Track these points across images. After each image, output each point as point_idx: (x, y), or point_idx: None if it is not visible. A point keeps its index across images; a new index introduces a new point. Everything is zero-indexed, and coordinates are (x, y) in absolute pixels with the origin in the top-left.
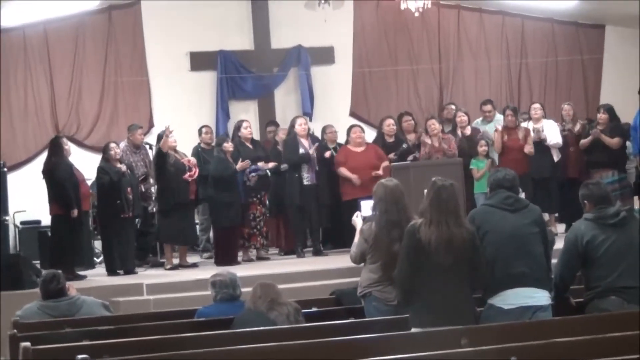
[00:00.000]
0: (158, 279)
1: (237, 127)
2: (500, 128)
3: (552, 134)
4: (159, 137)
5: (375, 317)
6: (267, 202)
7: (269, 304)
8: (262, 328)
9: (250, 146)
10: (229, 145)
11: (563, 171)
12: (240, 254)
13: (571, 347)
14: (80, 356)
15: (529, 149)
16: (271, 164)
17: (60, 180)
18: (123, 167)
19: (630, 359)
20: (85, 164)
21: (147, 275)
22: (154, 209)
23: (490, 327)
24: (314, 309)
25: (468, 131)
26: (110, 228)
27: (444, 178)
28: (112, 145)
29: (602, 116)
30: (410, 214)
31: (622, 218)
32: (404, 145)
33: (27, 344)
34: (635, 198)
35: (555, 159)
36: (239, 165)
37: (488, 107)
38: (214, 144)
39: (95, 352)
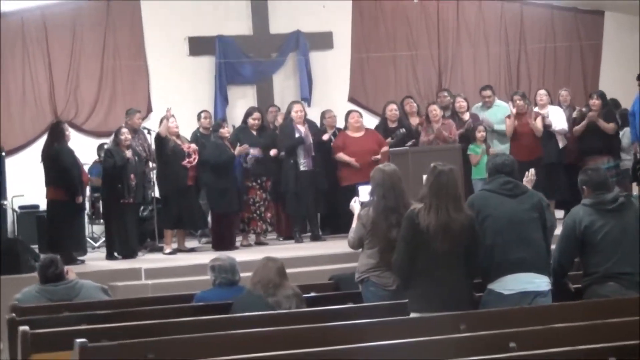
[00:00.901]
0: (156, 263)
1: (248, 114)
2: (513, 112)
3: (558, 120)
4: (162, 122)
5: (372, 302)
6: (268, 187)
7: (269, 288)
8: (260, 312)
9: (255, 133)
10: (225, 131)
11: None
12: (239, 239)
13: (570, 333)
14: (78, 340)
15: (536, 126)
16: (273, 152)
17: (66, 166)
18: (129, 153)
19: (628, 345)
20: (83, 149)
21: (145, 260)
22: (152, 194)
23: (489, 313)
24: (312, 294)
25: (467, 117)
26: (111, 212)
27: (443, 163)
28: (124, 130)
29: (595, 102)
30: (408, 199)
31: (620, 204)
32: (401, 130)
33: (26, 327)
34: (634, 184)
35: (561, 145)
36: (238, 150)
37: (487, 92)
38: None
39: (94, 336)
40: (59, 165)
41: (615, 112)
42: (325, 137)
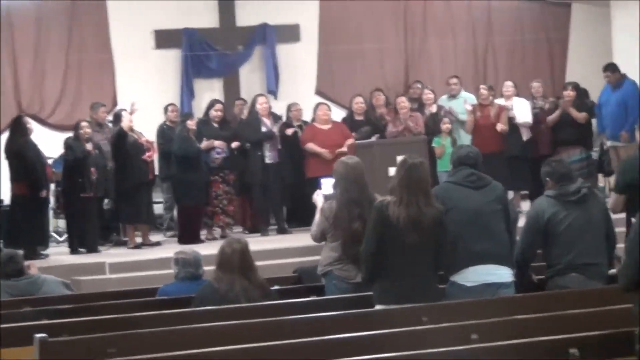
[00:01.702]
0: (121, 257)
1: (210, 106)
2: (469, 108)
3: (523, 112)
4: (116, 116)
5: (335, 295)
6: (231, 180)
7: (233, 280)
8: (222, 307)
9: (216, 126)
10: (192, 123)
11: (535, 149)
12: (204, 232)
13: (531, 324)
14: (38, 335)
15: (501, 126)
16: (235, 144)
17: (30, 160)
18: (89, 146)
19: (590, 336)
20: (48, 142)
21: (109, 254)
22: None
23: (452, 305)
24: (275, 287)
25: (434, 109)
26: (72, 206)
27: (414, 156)
28: (84, 124)
29: (569, 93)
30: (371, 192)
31: (583, 195)
32: (365, 128)
33: None
34: (600, 175)
35: (525, 137)
36: (204, 144)
37: (454, 80)
38: None
39: (54, 331)
40: (22, 160)
41: (589, 103)
42: (289, 131)
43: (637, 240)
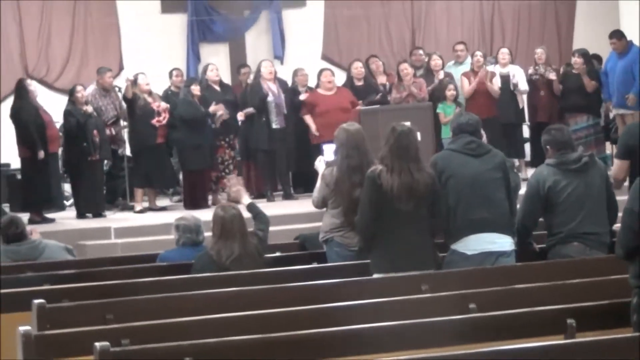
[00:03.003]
0: (126, 222)
1: (204, 71)
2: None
3: (519, 80)
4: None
5: (337, 262)
6: (236, 145)
7: (228, 247)
8: (222, 273)
9: (218, 89)
10: (196, 88)
11: (533, 116)
12: (210, 197)
13: (530, 294)
14: (36, 300)
15: (493, 88)
16: (240, 116)
17: (24, 122)
18: (89, 109)
19: (587, 306)
20: (56, 106)
21: (115, 219)
22: (124, 152)
23: (451, 273)
24: (277, 254)
25: (441, 75)
26: (78, 171)
27: (402, 123)
28: (79, 88)
29: (577, 60)
30: (372, 158)
31: (584, 164)
32: (378, 96)
33: None
34: (607, 143)
35: (521, 105)
36: (212, 107)
37: (460, 46)
38: None
39: (54, 297)
40: (19, 122)
41: (598, 70)
42: (303, 97)
43: (630, 208)
